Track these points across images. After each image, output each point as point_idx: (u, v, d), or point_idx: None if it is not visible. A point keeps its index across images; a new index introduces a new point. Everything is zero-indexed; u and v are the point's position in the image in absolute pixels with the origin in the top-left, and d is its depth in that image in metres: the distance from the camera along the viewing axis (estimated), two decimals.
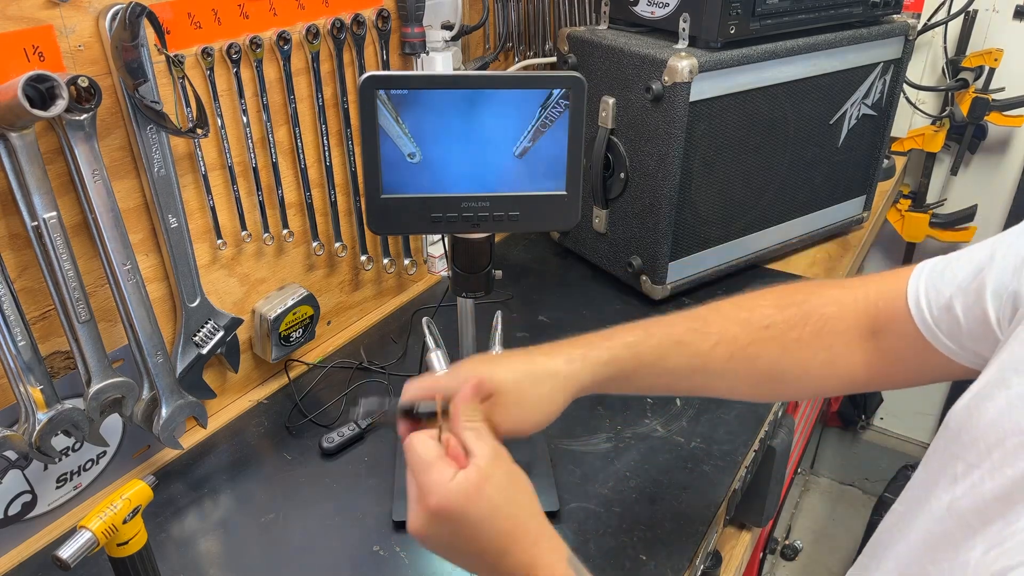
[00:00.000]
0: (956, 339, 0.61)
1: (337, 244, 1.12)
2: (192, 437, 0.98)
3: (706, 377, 0.70)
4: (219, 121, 0.92)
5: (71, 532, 0.64)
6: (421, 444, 0.57)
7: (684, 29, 1.11)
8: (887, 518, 0.60)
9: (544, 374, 0.66)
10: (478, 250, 0.77)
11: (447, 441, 0.58)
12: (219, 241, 0.96)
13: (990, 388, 0.51)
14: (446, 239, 0.81)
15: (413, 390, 0.66)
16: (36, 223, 0.74)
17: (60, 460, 0.82)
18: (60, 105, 0.69)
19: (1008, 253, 0.58)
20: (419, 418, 0.64)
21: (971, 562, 0.46)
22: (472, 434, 0.58)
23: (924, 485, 0.55)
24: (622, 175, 1.19)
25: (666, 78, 1.06)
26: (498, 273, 0.80)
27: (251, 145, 0.96)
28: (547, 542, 0.57)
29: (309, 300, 1.07)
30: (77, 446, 0.86)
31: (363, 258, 1.17)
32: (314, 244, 1.09)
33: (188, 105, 0.87)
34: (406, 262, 1.25)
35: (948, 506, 0.50)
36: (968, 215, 1.86)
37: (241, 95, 0.93)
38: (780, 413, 1.07)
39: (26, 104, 0.66)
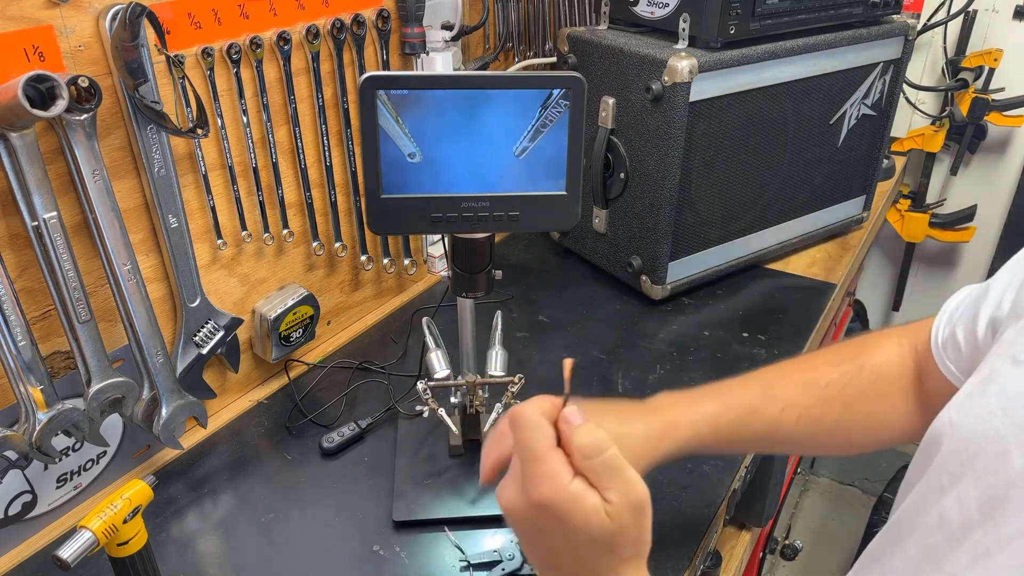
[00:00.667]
0: (958, 365, 0.64)
1: (337, 244, 1.12)
2: (192, 437, 0.98)
3: (776, 441, 0.73)
4: (219, 121, 0.92)
5: (71, 532, 0.64)
6: (538, 427, 0.50)
7: (684, 29, 1.11)
8: (881, 533, 0.60)
9: (628, 441, 0.64)
10: (478, 250, 0.77)
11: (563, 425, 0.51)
12: (219, 241, 0.96)
13: (971, 400, 0.52)
14: (446, 239, 0.81)
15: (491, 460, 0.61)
16: (36, 223, 0.74)
17: (60, 460, 0.82)
18: (60, 105, 0.69)
19: (999, 282, 0.61)
20: None
21: (957, 574, 0.46)
22: (603, 464, 0.50)
23: (913, 500, 0.55)
24: (622, 175, 1.19)
25: (666, 78, 1.06)
26: (498, 273, 0.80)
27: (251, 145, 0.96)
28: None
29: (309, 300, 1.07)
30: (77, 446, 0.86)
31: (363, 258, 1.17)
32: (314, 244, 1.09)
33: (188, 105, 0.87)
34: (406, 262, 1.25)
35: (938, 518, 0.50)
36: (968, 215, 1.86)
37: (241, 95, 0.93)
38: None
39: (26, 104, 0.66)
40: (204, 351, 0.96)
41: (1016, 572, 0.42)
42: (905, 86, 1.67)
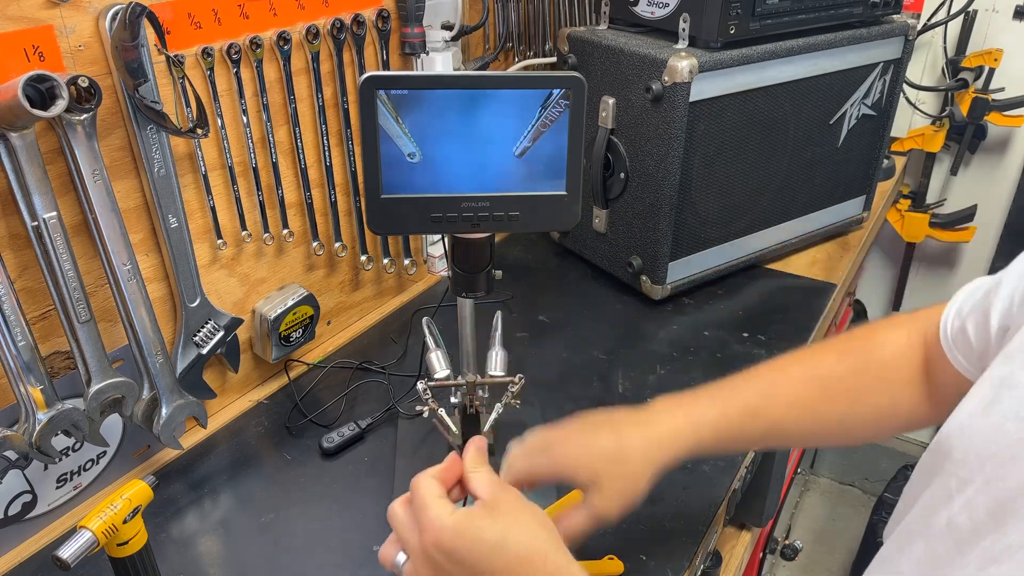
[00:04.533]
0: (969, 359, 0.64)
1: (337, 244, 1.12)
2: (192, 437, 0.98)
3: (779, 439, 0.73)
4: (219, 121, 0.92)
5: (71, 532, 0.64)
6: (424, 483, 0.58)
7: (684, 29, 1.11)
8: (890, 538, 0.60)
9: (629, 455, 0.67)
10: (478, 250, 0.77)
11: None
12: (219, 241, 0.96)
13: (984, 405, 0.52)
14: (446, 239, 0.81)
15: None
16: (36, 223, 0.74)
17: (60, 460, 0.82)
18: (60, 105, 0.69)
19: (1011, 275, 0.61)
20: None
21: None
22: (476, 476, 0.59)
23: (922, 504, 0.55)
24: (622, 175, 1.19)
25: (666, 78, 1.06)
26: (498, 273, 0.80)
27: (251, 145, 0.96)
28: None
29: (309, 300, 1.07)
30: (77, 446, 0.86)
31: (363, 258, 1.17)
32: (314, 244, 1.09)
33: (188, 105, 0.87)
34: (406, 262, 1.25)
35: (947, 523, 0.50)
36: (968, 215, 1.86)
37: (241, 95, 0.93)
38: None
39: (26, 104, 0.66)
40: (204, 351, 0.96)
41: None
42: (905, 86, 1.67)
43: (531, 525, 0.56)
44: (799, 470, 2.31)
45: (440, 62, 1.16)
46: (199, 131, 0.84)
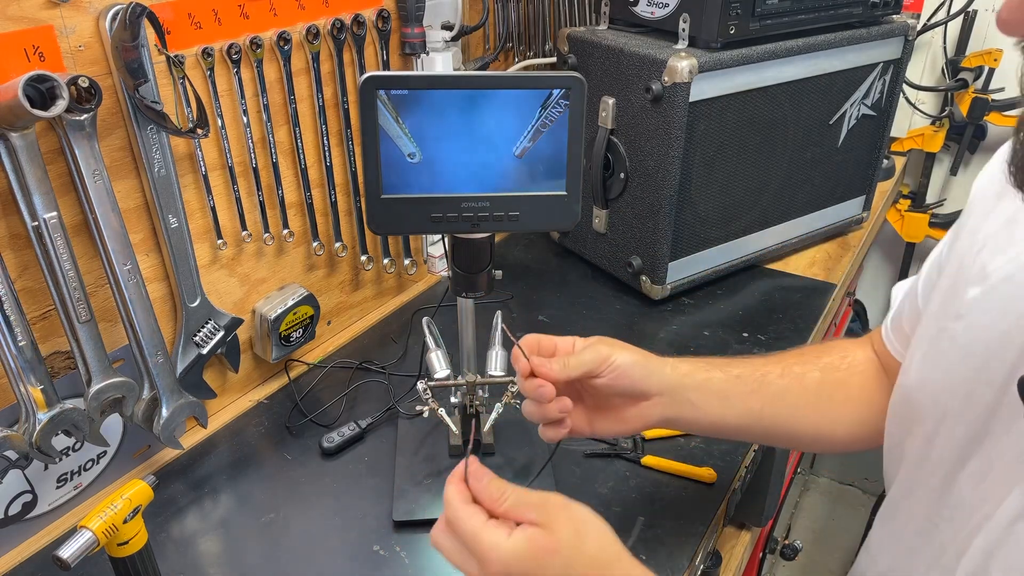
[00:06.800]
0: (906, 345, 0.69)
1: (337, 244, 1.12)
2: (192, 437, 0.98)
3: (765, 395, 0.74)
4: (219, 121, 0.92)
5: (71, 532, 0.64)
6: (465, 514, 0.54)
7: (684, 29, 1.11)
8: (889, 494, 0.67)
9: (654, 366, 0.72)
10: (478, 250, 0.77)
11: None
12: (219, 241, 0.96)
13: (930, 358, 0.59)
14: (446, 239, 0.81)
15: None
16: (36, 223, 0.74)
17: (60, 460, 0.82)
18: (60, 105, 0.69)
19: (928, 259, 0.69)
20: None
21: (964, 498, 0.54)
22: (512, 504, 0.55)
23: (909, 457, 0.63)
24: (622, 175, 1.19)
25: (666, 78, 1.06)
26: (498, 273, 0.80)
27: (251, 145, 0.96)
28: None
29: (309, 300, 1.07)
30: (77, 446, 0.86)
31: (363, 258, 1.17)
32: (314, 244, 1.09)
33: (188, 105, 0.87)
34: (406, 262, 1.25)
35: (938, 459, 0.58)
36: None
37: (241, 95, 0.93)
38: None
39: (26, 104, 0.66)
40: (204, 351, 0.96)
41: (1016, 465, 0.50)
42: (905, 86, 1.67)
43: (593, 533, 0.55)
44: (799, 470, 2.31)
45: (440, 62, 1.16)
46: (199, 131, 0.84)
